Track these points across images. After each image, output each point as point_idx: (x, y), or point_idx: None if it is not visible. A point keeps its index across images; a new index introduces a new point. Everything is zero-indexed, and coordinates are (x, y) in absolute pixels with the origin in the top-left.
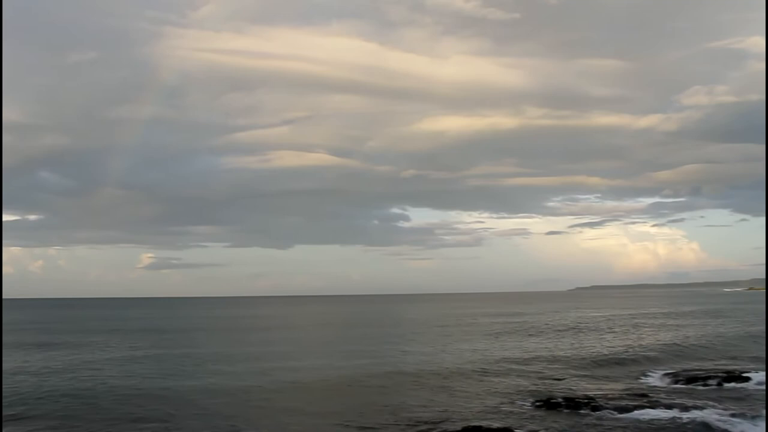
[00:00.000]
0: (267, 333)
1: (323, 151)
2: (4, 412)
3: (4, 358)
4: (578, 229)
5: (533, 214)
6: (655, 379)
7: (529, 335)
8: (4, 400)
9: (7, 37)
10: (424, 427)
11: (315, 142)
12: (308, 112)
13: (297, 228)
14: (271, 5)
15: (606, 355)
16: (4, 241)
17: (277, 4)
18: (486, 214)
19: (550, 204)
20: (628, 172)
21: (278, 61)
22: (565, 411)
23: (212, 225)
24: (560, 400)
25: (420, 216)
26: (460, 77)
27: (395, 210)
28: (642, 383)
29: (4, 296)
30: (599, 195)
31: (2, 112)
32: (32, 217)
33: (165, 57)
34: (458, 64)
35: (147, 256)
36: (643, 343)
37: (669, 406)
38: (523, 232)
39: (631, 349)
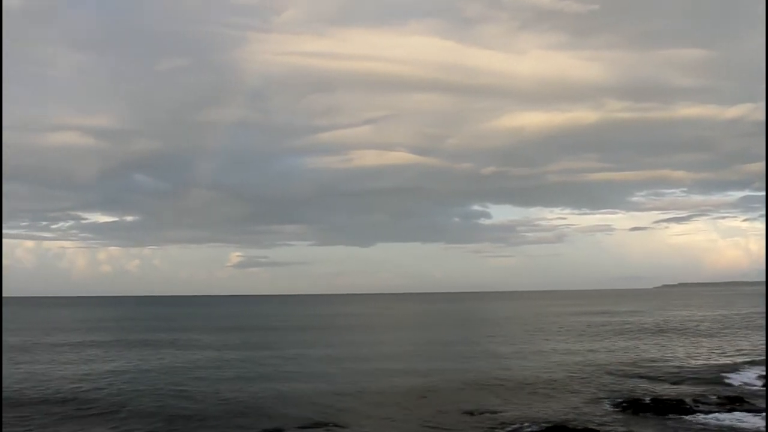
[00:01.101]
0: (354, 333)
1: (404, 150)
2: (107, 410)
3: (103, 355)
4: (664, 224)
5: (616, 210)
6: (748, 382)
7: (614, 334)
8: (104, 397)
9: (104, 48)
10: (506, 427)
11: (395, 141)
12: (388, 112)
13: (379, 226)
14: (349, 7)
15: (696, 355)
16: (104, 241)
17: (355, 6)
18: (568, 211)
19: (634, 199)
20: (716, 164)
21: (357, 62)
22: (652, 413)
23: (297, 224)
24: (647, 401)
25: (501, 213)
26: (539, 72)
27: (476, 207)
28: (734, 386)
29: (106, 293)
30: (685, 189)
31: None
32: (129, 219)
33: (249, 61)
34: (536, 59)
35: (235, 255)
36: (735, 343)
37: (761, 411)
38: (606, 229)
39: (722, 350)
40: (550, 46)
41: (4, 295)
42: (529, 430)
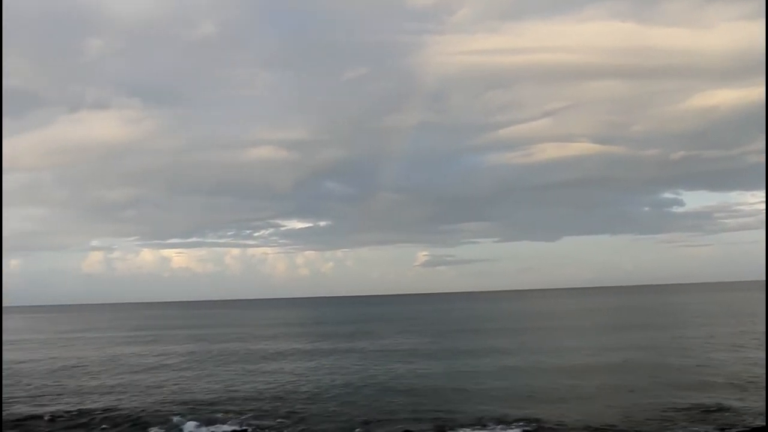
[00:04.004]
0: (554, 334)
1: (585, 140)
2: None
3: (312, 357)
4: None
5: None
6: None
7: None
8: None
9: (292, 65)
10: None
11: (576, 132)
12: (567, 102)
13: (564, 220)
14: (522, 0)
15: None
16: (301, 246)
17: None
18: None
19: None
20: None
21: (533, 55)
22: None
23: (481, 221)
24: None
25: (695, 199)
26: (730, 46)
27: (667, 195)
28: None
29: (304, 295)
30: None
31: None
32: (322, 224)
33: (426, 64)
34: (727, 32)
35: (422, 254)
36: None
37: None
38: None
39: None
40: (742, 16)
41: (221, 298)
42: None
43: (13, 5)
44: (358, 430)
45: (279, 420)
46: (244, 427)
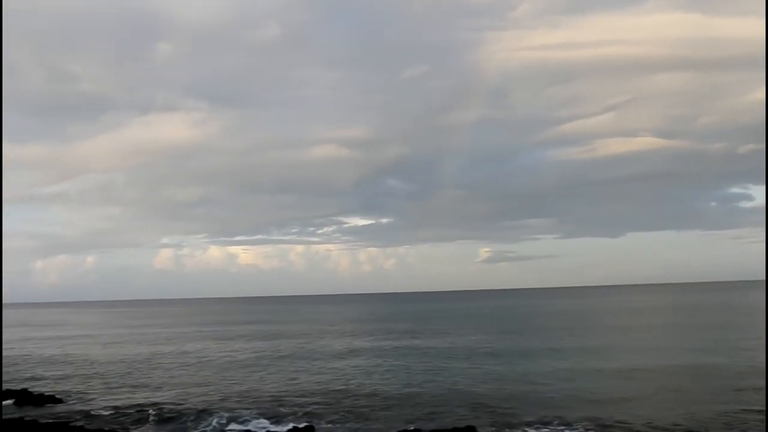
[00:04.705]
0: (620, 334)
1: (649, 135)
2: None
3: (375, 353)
4: None
5: None
6: None
7: None
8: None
9: (353, 65)
10: None
11: (640, 126)
12: (630, 96)
13: (627, 215)
14: None
15: None
16: (363, 243)
17: None
18: None
19: None
20: None
21: (595, 49)
22: None
23: (542, 218)
24: None
25: (765, 194)
26: None
27: (735, 190)
28: None
29: (367, 291)
30: None
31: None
32: (384, 221)
33: (487, 60)
34: None
35: (484, 251)
36: None
37: None
38: None
39: None
40: None
41: (285, 293)
42: None
43: (88, 15)
44: (418, 423)
45: (342, 414)
46: (308, 422)
